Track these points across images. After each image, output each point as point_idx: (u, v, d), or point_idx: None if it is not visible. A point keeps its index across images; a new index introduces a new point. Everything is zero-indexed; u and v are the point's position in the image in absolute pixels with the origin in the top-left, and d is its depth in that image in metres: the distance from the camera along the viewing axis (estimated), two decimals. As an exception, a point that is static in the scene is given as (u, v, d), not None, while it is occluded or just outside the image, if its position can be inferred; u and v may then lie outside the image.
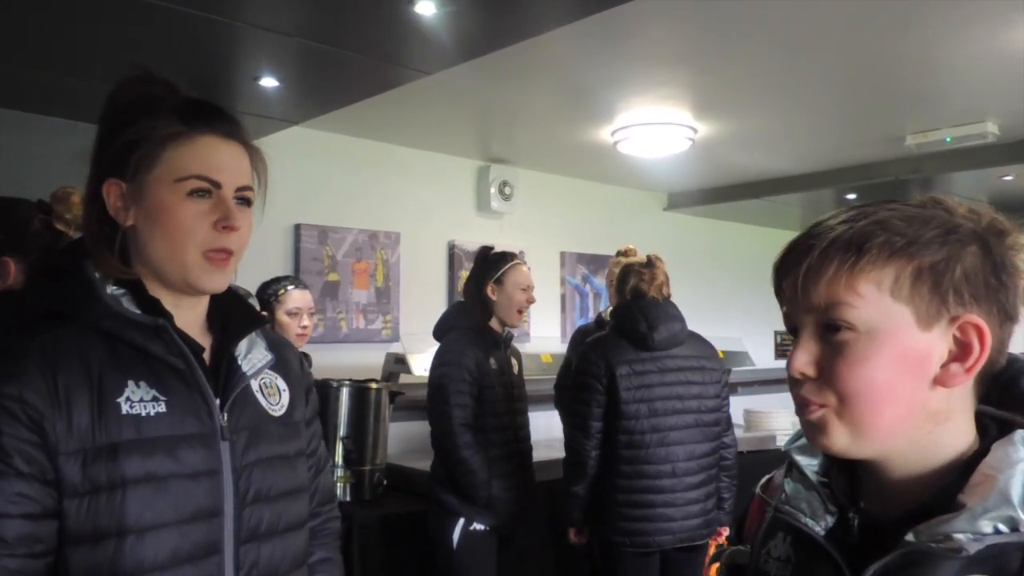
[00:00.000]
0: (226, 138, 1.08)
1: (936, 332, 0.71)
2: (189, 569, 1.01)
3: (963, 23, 2.77)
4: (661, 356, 2.71)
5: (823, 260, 0.72)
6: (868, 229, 0.71)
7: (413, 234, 4.52)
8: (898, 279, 0.70)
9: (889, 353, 0.70)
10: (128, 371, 1.02)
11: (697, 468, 2.70)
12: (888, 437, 0.72)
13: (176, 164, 1.04)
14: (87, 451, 0.97)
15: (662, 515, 2.62)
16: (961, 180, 5.14)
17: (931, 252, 0.70)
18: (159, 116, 1.05)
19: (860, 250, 0.71)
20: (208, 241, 1.04)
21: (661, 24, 2.76)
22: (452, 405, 2.69)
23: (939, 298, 0.70)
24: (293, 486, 1.15)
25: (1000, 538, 0.66)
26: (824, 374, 0.73)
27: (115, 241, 1.06)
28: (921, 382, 0.71)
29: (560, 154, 4.65)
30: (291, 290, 2.76)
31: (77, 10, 2.38)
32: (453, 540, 2.72)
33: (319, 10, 2.41)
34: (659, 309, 2.73)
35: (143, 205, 1.04)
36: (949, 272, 0.70)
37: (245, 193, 1.08)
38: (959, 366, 0.71)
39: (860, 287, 0.71)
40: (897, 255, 0.71)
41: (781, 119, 3.99)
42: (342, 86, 3.15)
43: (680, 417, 2.70)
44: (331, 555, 1.32)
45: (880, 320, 0.70)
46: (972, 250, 0.71)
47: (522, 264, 2.90)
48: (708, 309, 5.71)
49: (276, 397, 1.18)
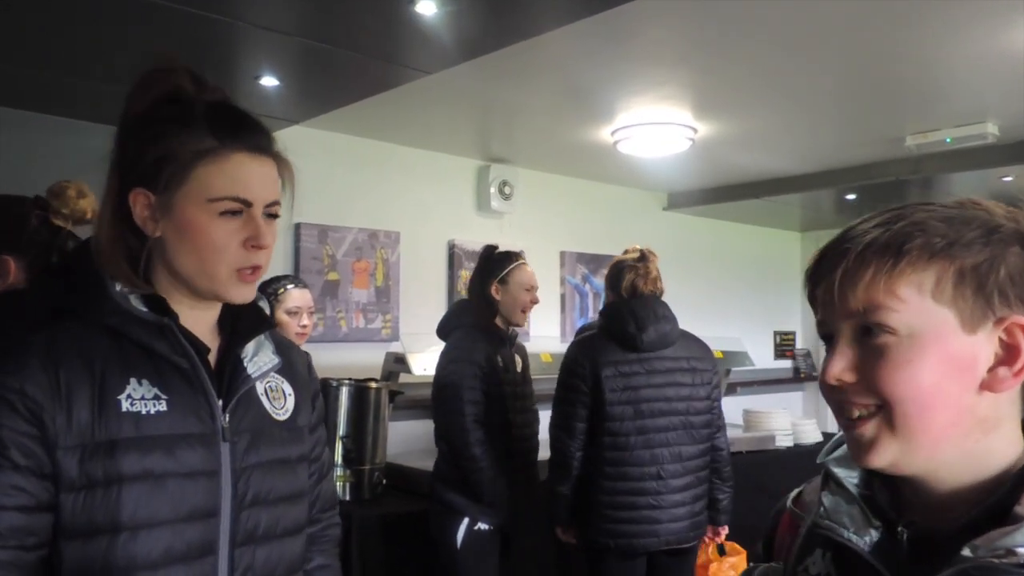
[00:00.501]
0: (257, 154, 1.07)
1: (981, 335, 0.68)
2: (182, 569, 1.01)
3: (963, 23, 2.77)
4: (649, 357, 2.66)
5: (860, 264, 0.69)
6: (906, 231, 0.69)
7: (413, 233, 4.53)
8: (940, 281, 0.68)
9: (934, 356, 0.68)
10: (131, 369, 1.02)
11: (684, 471, 2.66)
12: (937, 447, 0.69)
13: (208, 183, 1.03)
14: (85, 446, 0.97)
15: (646, 517, 2.59)
16: (961, 181, 5.14)
17: (973, 253, 0.68)
18: (188, 128, 1.04)
19: (899, 252, 0.68)
20: (239, 260, 1.05)
21: (661, 24, 2.76)
22: (465, 402, 2.68)
23: (984, 300, 0.68)
24: (293, 490, 1.15)
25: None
26: (865, 379, 0.70)
27: (135, 248, 1.07)
28: (968, 387, 0.68)
29: (560, 154, 4.65)
30: (291, 289, 2.76)
31: (77, 9, 2.39)
32: (457, 540, 2.71)
33: (320, 9, 2.41)
34: (649, 310, 2.67)
35: (173, 220, 1.04)
36: (993, 273, 0.68)
37: (274, 208, 1.09)
38: (1007, 370, 0.68)
39: (900, 290, 0.68)
40: (938, 257, 0.68)
41: (781, 119, 3.99)
42: (342, 85, 3.16)
43: (667, 419, 2.65)
44: (329, 562, 1.32)
45: (922, 324, 0.68)
46: (1015, 250, 0.69)
47: (526, 264, 2.90)
48: (708, 309, 5.71)
49: (281, 401, 1.18)
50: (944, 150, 4.21)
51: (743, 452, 4.06)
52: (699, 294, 5.64)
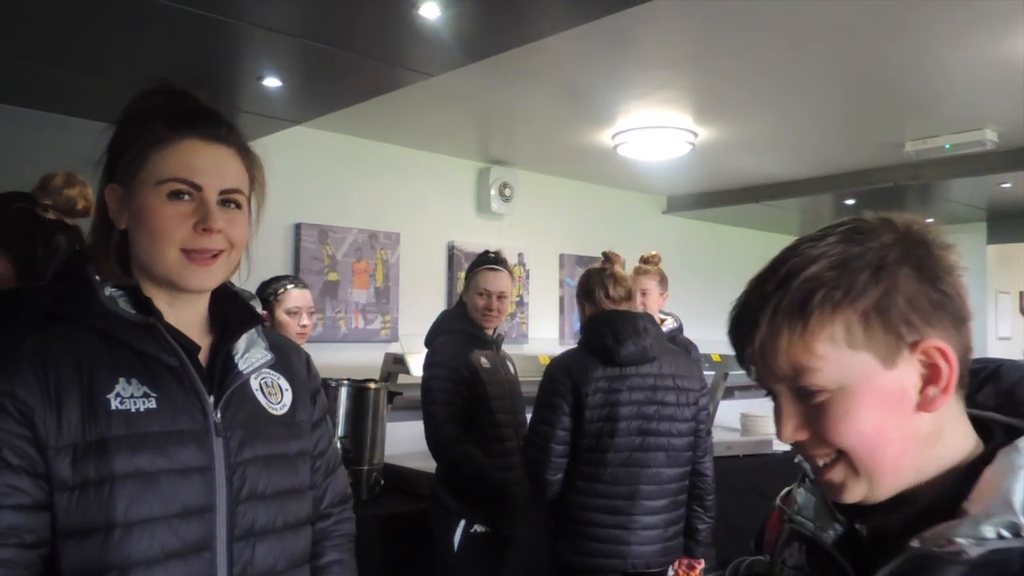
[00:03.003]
0: (210, 141, 1.08)
1: (902, 365, 0.72)
2: (179, 564, 1.01)
3: (962, 30, 2.78)
4: (630, 373, 2.52)
5: (772, 333, 0.73)
6: (805, 289, 0.72)
7: (413, 235, 4.53)
8: (849, 329, 0.71)
9: (868, 400, 0.72)
10: (120, 368, 1.03)
11: (661, 493, 2.51)
12: (897, 475, 0.74)
13: (158, 167, 1.05)
14: (77, 446, 0.98)
15: (614, 537, 2.47)
16: (959, 187, 5.16)
17: (869, 294, 0.71)
18: (150, 122, 1.07)
19: (804, 313, 0.71)
20: (187, 242, 1.06)
21: (662, 29, 2.77)
22: (438, 404, 2.71)
23: (893, 333, 0.71)
24: (293, 485, 1.16)
25: (1003, 543, 0.67)
26: (816, 434, 0.74)
27: (121, 246, 1.09)
28: (907, 415, 0.72)
29: (560, 156, 4.66)
30: (290, 289, 2.77)
31: (79, 8, 2.39)
32: (454, 542, 2.71)
33: (323, 11, 2.42)
34: (628, 323, 2.53)
35: (132, 208, 1.07)
36: (893, 306, 0.71)
37: (232, 196, 1.09)
38: (935, 388, 0.72)
39: (817, 349, 0.71)
40: (841, 307, 0.71)
41: (781, 124, 4.00)
42: (345, 87, 3.16)
43: (644, 439, 2.49)
44: (343, 557, 1.32)
45: (847, 373, 0.72)
46: (906, 272, 0.71)
47: (494, 269, 2.83)
48: (706, 312, 5.70)
49: (277, 396, 1.18)
50: (943, 156, 4.22)
51: (740, 456, 4.07)
52: (698, 297, 5.65)
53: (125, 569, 0.98)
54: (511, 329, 4.89)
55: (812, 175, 5.12)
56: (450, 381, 2.72)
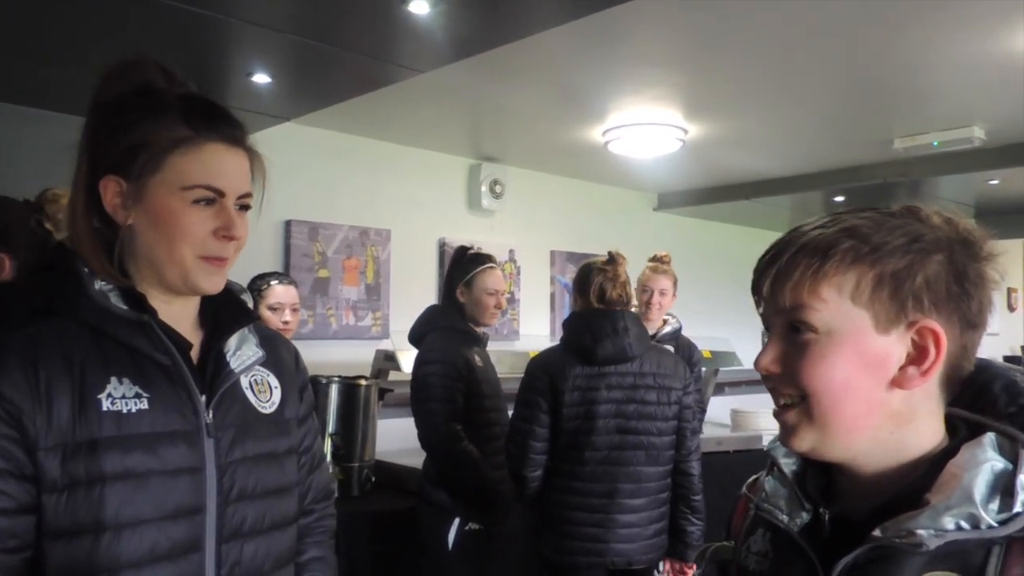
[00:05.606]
0: (231, 145, 1.07)
1: (894, 336, 0.73)
2: (168, 566, 1.00)
3: (951, 28, 2.79)
4: (610, 372, 2.49)
5: (791, 264, 0.75)
6: (836, 236, 0.74)
7: (404, 231, 4.52)
8: (859, 285, 0.73)
9: (847, 353, 0.73)
10: (112, 367, 1.01)
11: (640, 491, 2.48)
12: (850, 436, 0.75)
13: (183, 171, 1.03)
14: (67, 446, 0.96)
15: (592, 534, 2.45)
16: (948, 184, 5.19)
17: (894, 260, 0.73)
18: (163, 117, 1.04)
19: (825, 256, 0.73)
20: (207, 248, 1.05)
21: (653, 26, 2.78)
22: (438, 401, 2.68)
23: (898, 304, 0.73)
24: (280, 484, 1.15)
25: (961, 535, 0.68)
26: (788, 371, 0.76)
27: (107, 237, 1.06)
28: (879, 382, 0.74)
29: (551, 153, 4.66)
30: (274, 285, 2.77)
31: (70, 4, 2.38)
32: (448, 540, 2.69)
33: (313, 7, 2.41)
34: (606, 322, 2.49)
35: (145, 207, 1.04)
36: (910, 279, 0.72)
37: (245, 200, 1.09)
38: (915, 369, 0.73)
39: (823, 291, 0.73)
40: (860, 262, 0.73)
41: (771, 121, 4.01)
42: (334, 83, 3.15)
43: (624, 437, 2.47)
44: (324, 554, 1.31)
45: (840, 323, 0.73)
46: (937, 259, 0.73)
47: (494, 267, 2.85)
48: (697, 309, 5.72)
49: (267, 394, 1.17)
50: (931, 153, 4.24)
51: (730, 451, 4.09)
52: (688, 294, 5.62)
53: (114, 571, 0.97)
54: (502, 326, 4.89)
55: (802, 172, 5.14)
56: (448, 378, 2.69)
